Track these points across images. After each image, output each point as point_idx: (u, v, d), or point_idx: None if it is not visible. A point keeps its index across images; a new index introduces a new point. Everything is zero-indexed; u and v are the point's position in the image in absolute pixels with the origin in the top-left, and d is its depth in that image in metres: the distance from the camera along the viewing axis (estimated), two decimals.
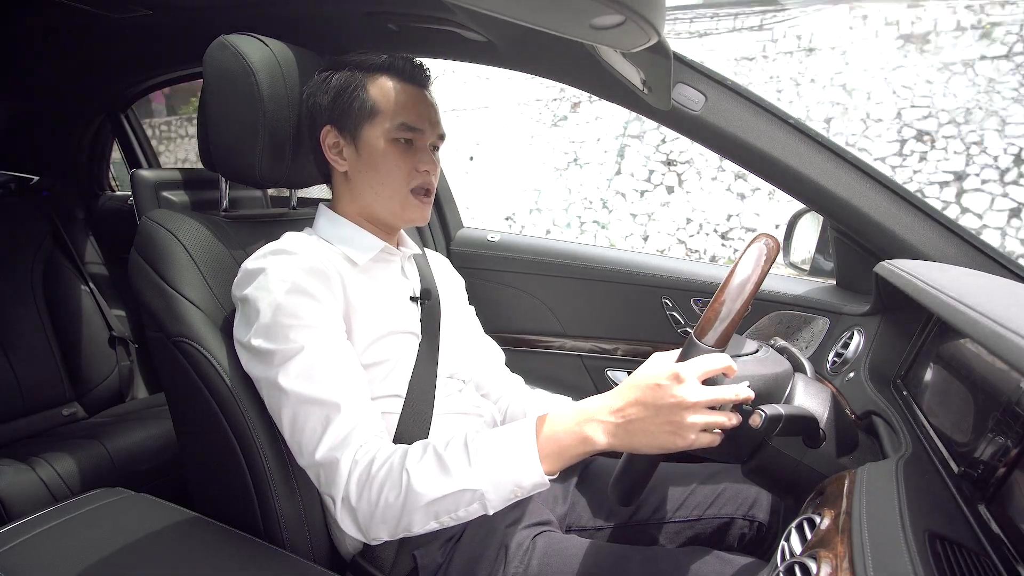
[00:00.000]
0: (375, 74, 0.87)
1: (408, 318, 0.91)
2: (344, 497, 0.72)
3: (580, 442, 0.68)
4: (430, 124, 0.89)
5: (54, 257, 1.68)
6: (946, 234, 0.98)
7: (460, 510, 0.70)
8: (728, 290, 0.66)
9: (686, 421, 0.63)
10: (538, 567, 0.79)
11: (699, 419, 0.63)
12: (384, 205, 0.89)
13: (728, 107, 0.99)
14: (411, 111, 0.87)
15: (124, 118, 1.89)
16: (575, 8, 0.49)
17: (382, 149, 0.87)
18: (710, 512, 0.94)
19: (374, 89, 0.87)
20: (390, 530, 0.72)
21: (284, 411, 0.76)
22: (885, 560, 0.45)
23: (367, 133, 0.87)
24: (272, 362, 0.76)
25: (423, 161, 0.88)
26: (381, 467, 0.71)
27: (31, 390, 1.54)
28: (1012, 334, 0.46)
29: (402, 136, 0.87)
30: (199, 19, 1.24)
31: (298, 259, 0.80)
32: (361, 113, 0.86)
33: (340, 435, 0.73)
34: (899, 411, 0.78)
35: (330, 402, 0.74)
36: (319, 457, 0.73)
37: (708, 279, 1.37)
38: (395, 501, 0.69)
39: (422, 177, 0.88)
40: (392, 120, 0.86)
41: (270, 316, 0.77)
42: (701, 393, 0.63)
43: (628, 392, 0.66)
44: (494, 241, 1.56)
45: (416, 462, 0.70)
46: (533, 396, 1.10)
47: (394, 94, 0.87)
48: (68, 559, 0.71)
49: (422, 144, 0.89)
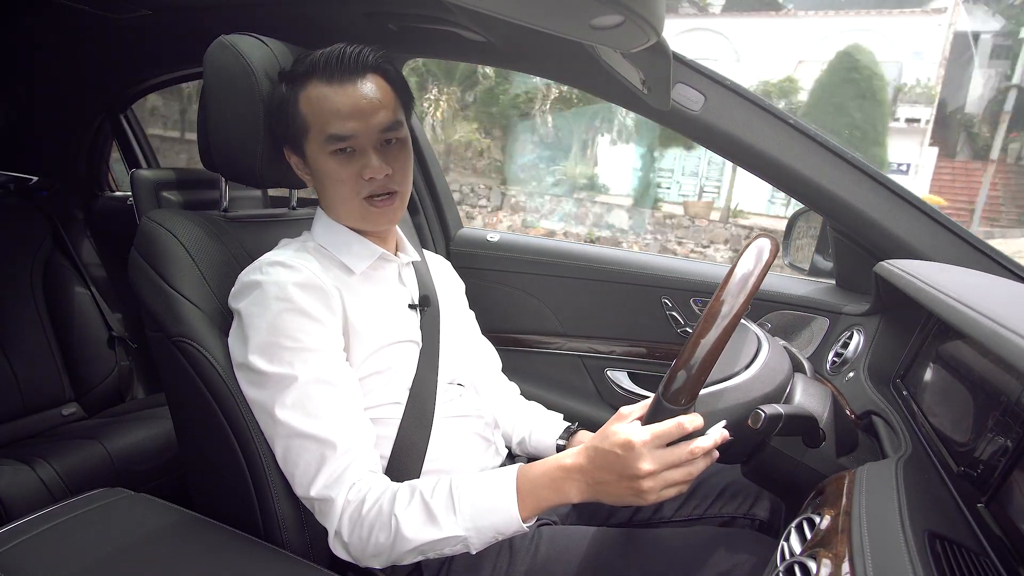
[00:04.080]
0: (303, 84, 0.82)
1: (407, 326, 0.90)
2: (337, 531, 0.74)
3: (556, 496, 0.71)
4: (365, 121, 0.80)
5: (53, 257, 1.67)
6: (946, 234, 0.98)
7: (446, 550, 0.73)
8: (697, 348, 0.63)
9: (643, 487, 0.65)
10: (545, 556, 0.79)
11: (656, 484, 0.65)
12: (346, 217, 0.87)
13: (728, 107, 0.99)
14: (337, 119, 0.80)
15: (124, 118, 1.89)
16: (575, 8, 0.49)
17: (323, 165, 0.83)
18: (711, 511, 0.94)
19: (303, 102, 0.82)
20: (381, 563, 0.75)
21: (278, 441, 0.76)
22: (885, 560, 0.45)
23: (309, 150, 0.83)
24: (267, 386, 0.76)
25: (367, 167, 0.81)
26: (371, 509, 0.73)
27: (31, 390, 1.53)
28: (1012, 334, 0.46)
29: (337, 147, 0.81)
30: (199, 19, 1.24)
31: (295, 274, 0.79)
32: (298, 131, 0.83)
33: (335, 474, 0.74)
34: (899, 411, 0.78)
35: (326, 440, 0.74)
36: (314, 494, 0.74)
37: (708, 279, 1.37)
38: (385, 542, 0.72)
39: (369, 185, 0.83)
40: (321, 134, 0.81)
41: (266, 336, 0.76)
42: (655, 461, 0.65)
43: (596, 456, 0.69)
44: (494, 241, 1.56)
45: (404, 508, 0.72)
46: (527, 410, 1.10)
47: (319, 103, 0.81)
48: (68, 559, 0.71)
49: (363, 147, 0.82)
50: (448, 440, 0.88)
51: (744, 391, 0.73)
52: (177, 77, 1.71)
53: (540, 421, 1.07)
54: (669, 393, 0.64)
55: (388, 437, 0.84)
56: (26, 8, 1.34)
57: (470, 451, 0.92)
